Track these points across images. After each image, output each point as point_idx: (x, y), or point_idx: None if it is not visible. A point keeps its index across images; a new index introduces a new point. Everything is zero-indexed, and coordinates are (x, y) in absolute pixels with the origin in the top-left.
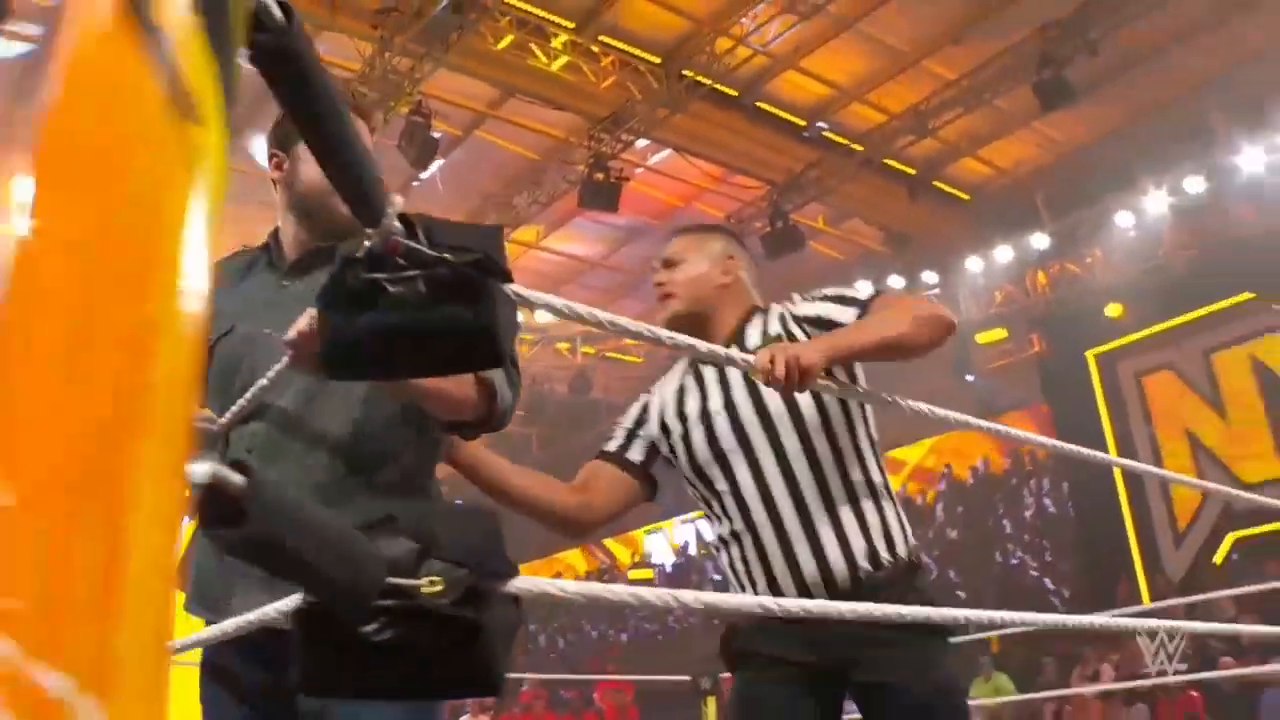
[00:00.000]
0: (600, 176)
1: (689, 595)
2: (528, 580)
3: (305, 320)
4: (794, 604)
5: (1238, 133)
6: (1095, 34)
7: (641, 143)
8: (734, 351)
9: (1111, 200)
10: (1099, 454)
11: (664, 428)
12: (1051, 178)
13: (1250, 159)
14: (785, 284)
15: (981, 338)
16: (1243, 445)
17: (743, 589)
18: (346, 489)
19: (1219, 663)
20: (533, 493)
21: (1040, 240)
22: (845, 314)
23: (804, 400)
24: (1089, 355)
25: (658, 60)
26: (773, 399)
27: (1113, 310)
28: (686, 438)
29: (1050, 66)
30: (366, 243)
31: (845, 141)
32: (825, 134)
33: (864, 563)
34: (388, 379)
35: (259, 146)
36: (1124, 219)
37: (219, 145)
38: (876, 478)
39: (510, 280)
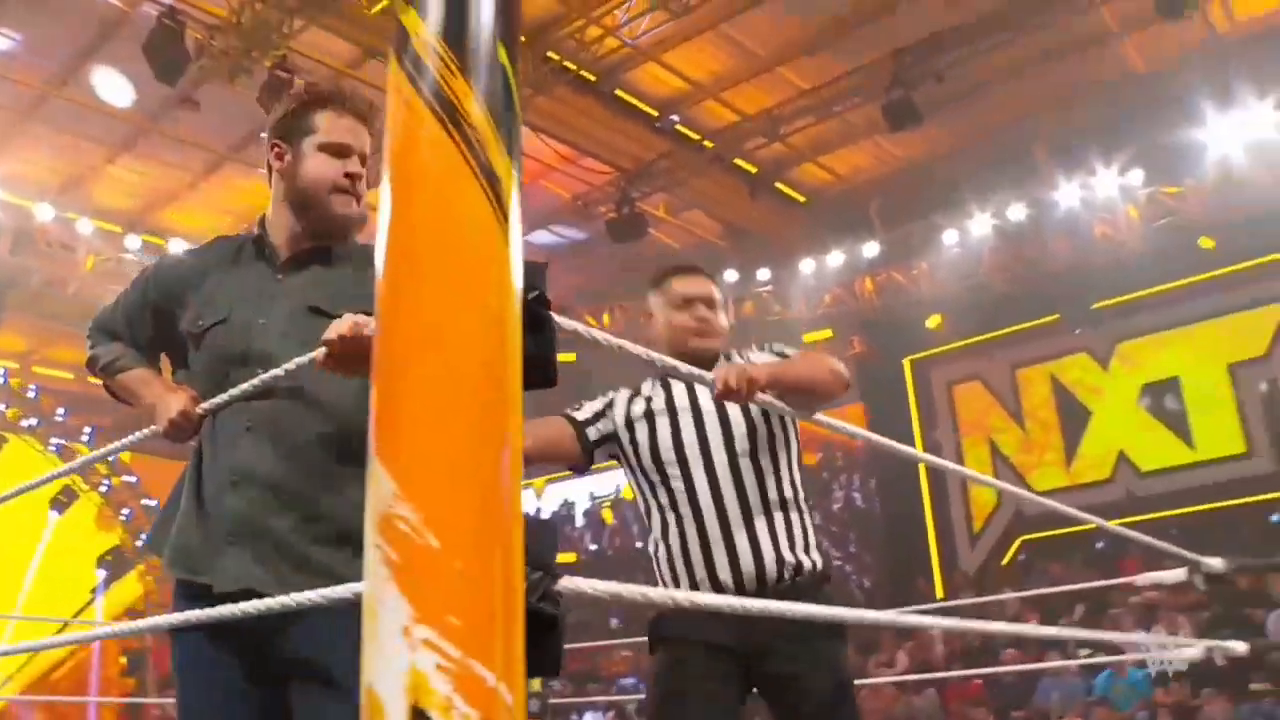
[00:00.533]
0: None
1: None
2: (569, 580)
3: (346, 324)
4: (736, 602)
5: (1057, 168)
6: (944, 62)
7: None
8: (696, 370)
9: (940, 217)
10: (909, 449)
11: (629, 425)
12: (886, 189)
13: (1067, 194)
14: (623, 267)
15: (808, 337)
16: (1036, 455)
17: (675, 573)
18: (336, 476)
19: (1001, 655)
20: None
21: (871, 248)
22: None
23: (755, 416)
24: (905, 361)
25: (523, 39)
26: (733, 411)
27: (932, 321)
28: (653, 435)
29: (900, 88)
30: None
31: (697, 137)
32: (677, 127)
33: (791, 561)
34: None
35: (101, 79)
36: (950, 236)
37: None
38: (801, 492)
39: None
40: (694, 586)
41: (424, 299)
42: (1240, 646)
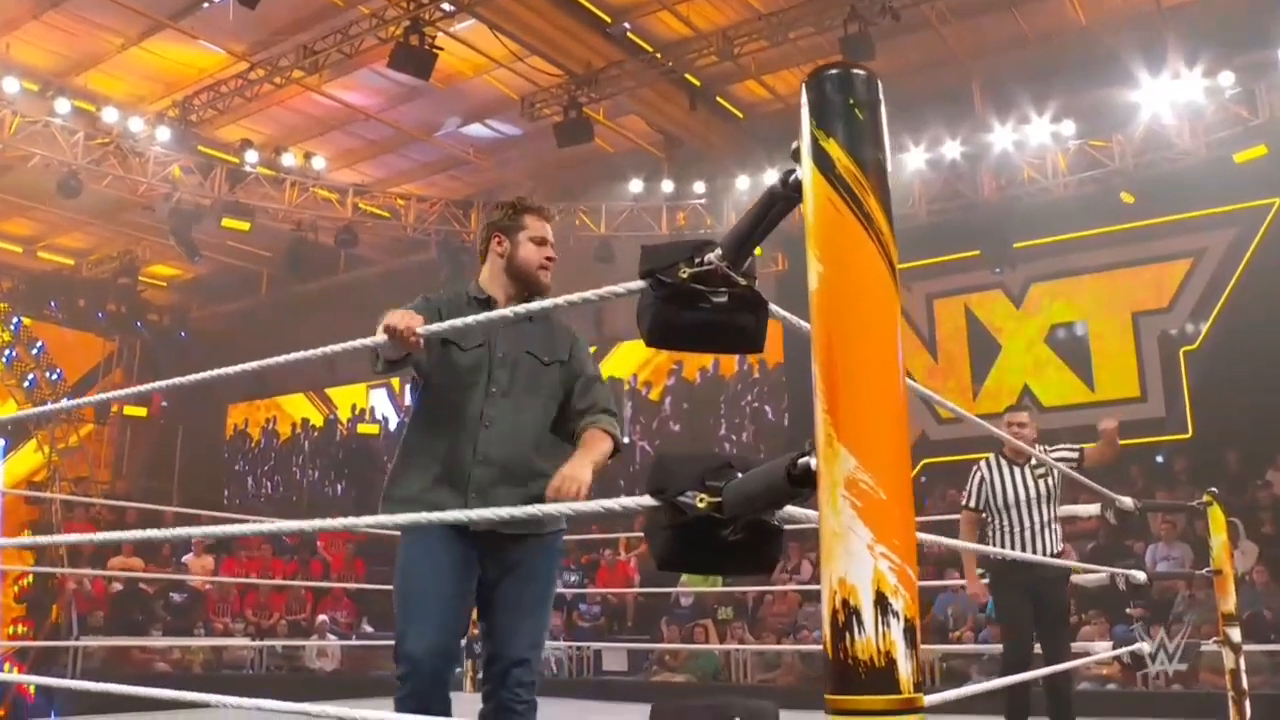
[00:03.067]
0: (415, 41)
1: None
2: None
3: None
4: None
5: (992, 110)
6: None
7: (448, 6)
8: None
9: None
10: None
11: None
12: None
13: (1000, 136)
14: (558, 167)
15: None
16: (944, 382)
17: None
18: (536, 462)
19: None
20: None
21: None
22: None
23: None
24: None
25: None
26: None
27: None
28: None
29: (857, 21)
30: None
31: (649, 48)
32: (629, 35)
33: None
34: (689, 350)
35: None
36: None
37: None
38: None
39: None
40: None
41: (852, 335)
42: (1141, 575)
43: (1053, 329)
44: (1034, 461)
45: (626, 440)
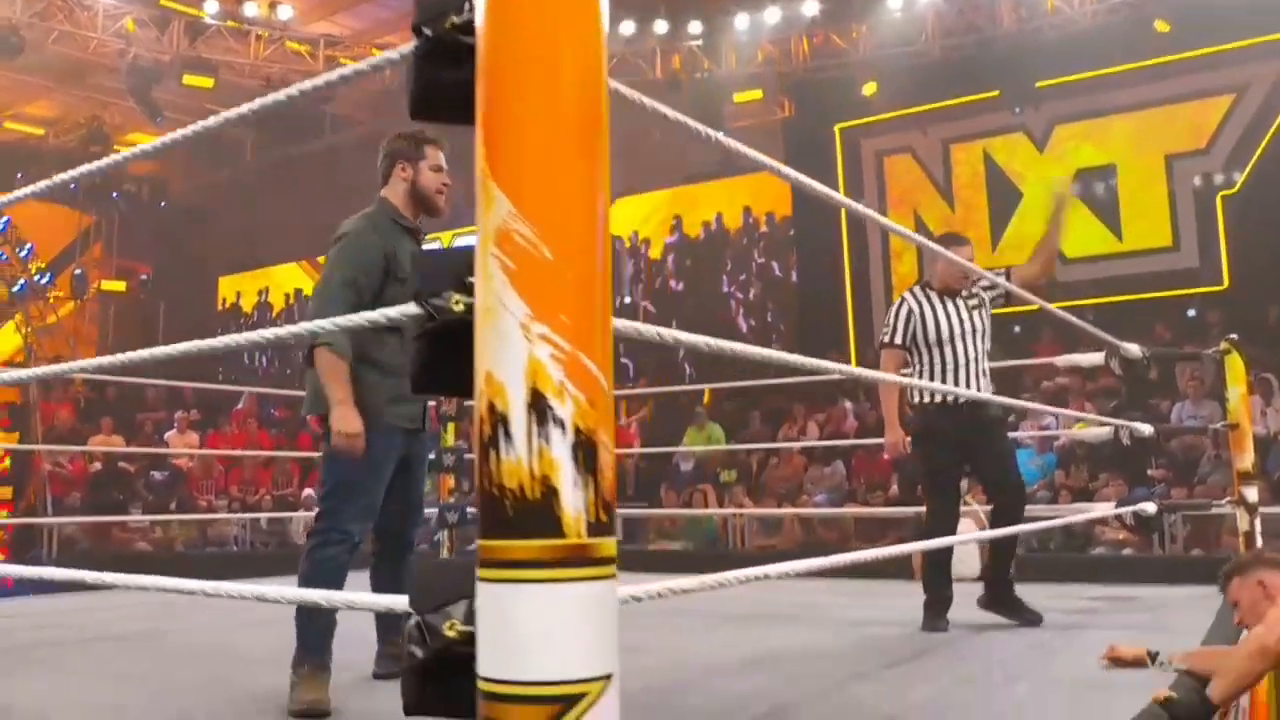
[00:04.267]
0: None
1: None
2: None
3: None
4: None
5: None
6: None
7: None
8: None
9: None
10: (834, 195)
11: None
12: None
13: None
14: None
15: (738, 97)
16: (961, 231)
17: None
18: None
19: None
20: None
21: (810, 7)
22: None
23: None
24: (836, 129)
25: None
26: None
27: (868, 88)
28: None
29: None
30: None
31: None
32: None
33: None
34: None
35: None
36: (894, 0)
37: None
38: None
39: None
40: None
41: (525, 39)
42: (1146, 429)
43: (1079, 174)
44: (964, 293)
45: (628, 300)
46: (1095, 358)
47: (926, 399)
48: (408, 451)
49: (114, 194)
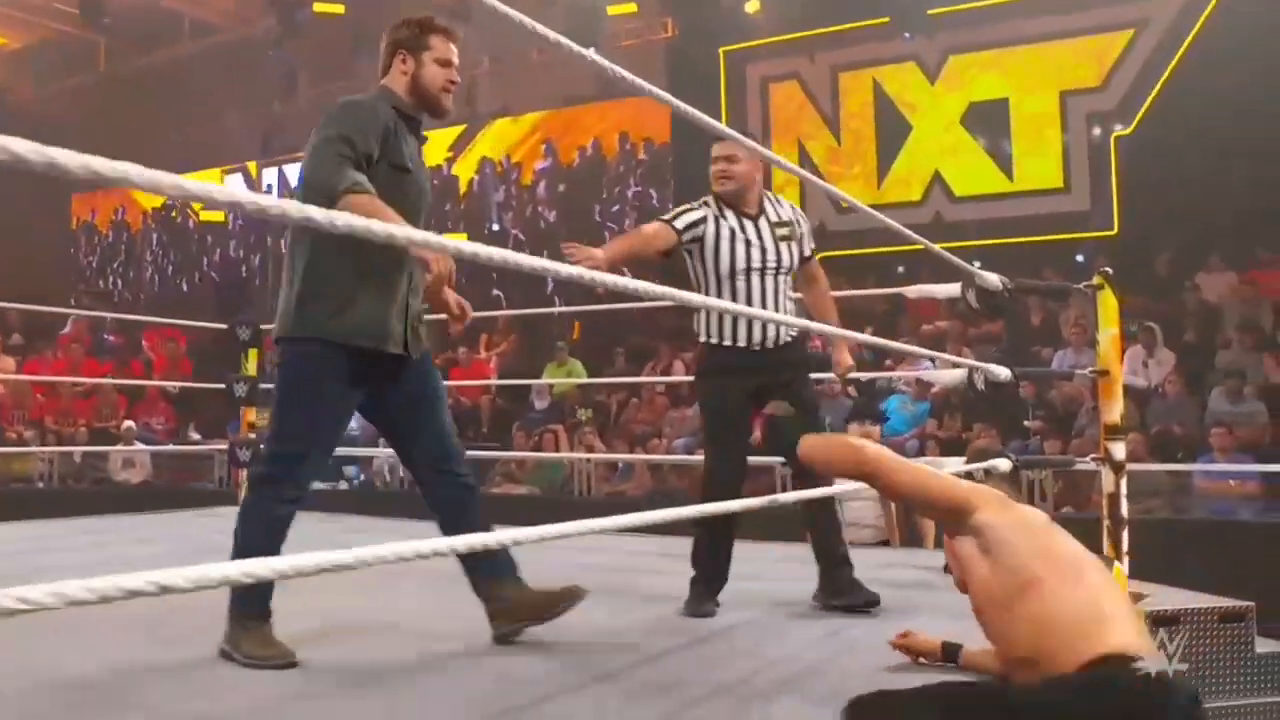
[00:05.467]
0: None
1: None
2: None
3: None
4: None
5: None
6: None
7: None
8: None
9: None
10: (715, 124)
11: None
12: None
13: None
14: None
15: (613, 9)
16: (846, 167)
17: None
18: None
19: None
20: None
21: None
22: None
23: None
24: (720, 51)
25: None
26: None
27: (750, 5)
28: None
29: None
30: None
31: None
32: None
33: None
34: None
35: None
36: None
37: None
38: None
39: None
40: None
41: None
42: (1003, 372)
43: (970, 107)
44: (775, 216)
45: (497, 227)
46: (952, 288)
47: (715, 337)
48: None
49: None
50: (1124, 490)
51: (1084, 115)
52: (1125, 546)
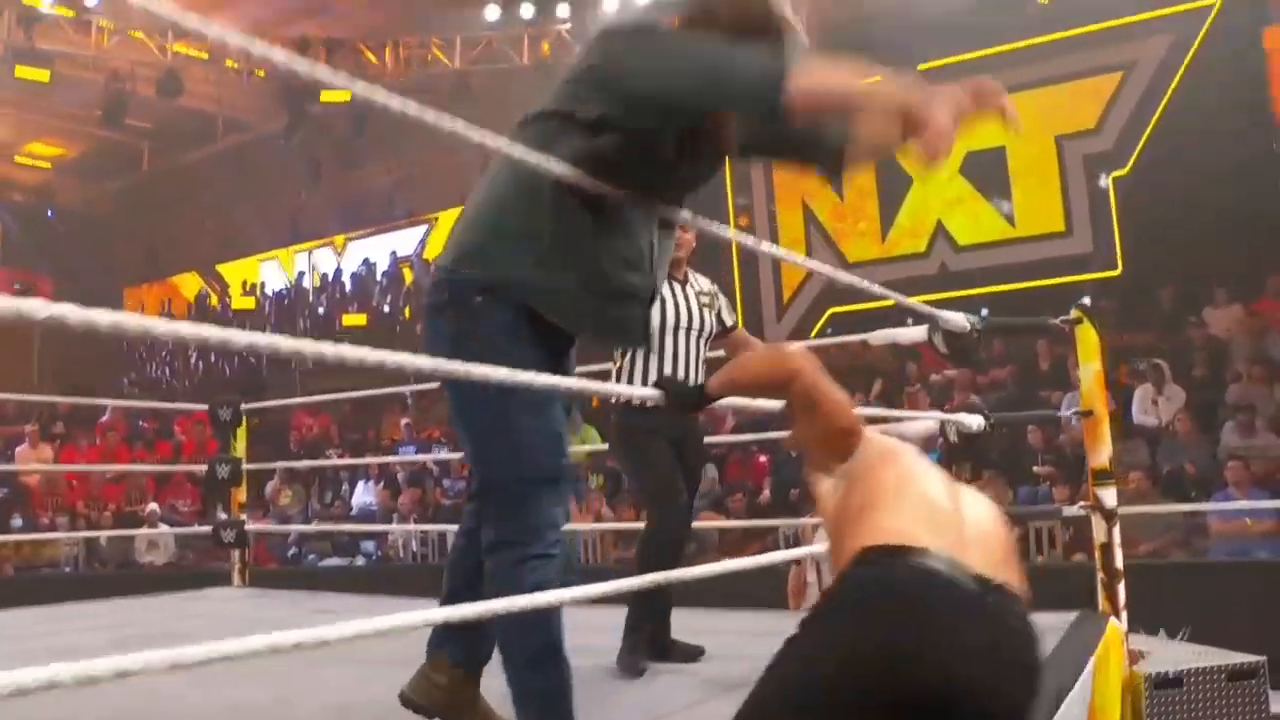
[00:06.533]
0: None
1: None
2: None
3: None
4: None
5: None
6: None
7: None
8: None
9: None
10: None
11: None
12: None
13: None
14: (429, 6)
15: None
16: (851, 223)
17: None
18: None
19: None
20: None
21: None
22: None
23: None
24: None
25: None
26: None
27: None
28: None
29: None
30: None
31: None
32: None
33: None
34: None
35: None
36: None
37: None
38: None
39: None
40: None
41: None
42: (975, 421)
43: (969, 157)
44: (698, 286)
45: None
46: (917, 332)
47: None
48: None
49: None
50: (1117, 539)
51: (1081, 158)
52: (1122, 600)
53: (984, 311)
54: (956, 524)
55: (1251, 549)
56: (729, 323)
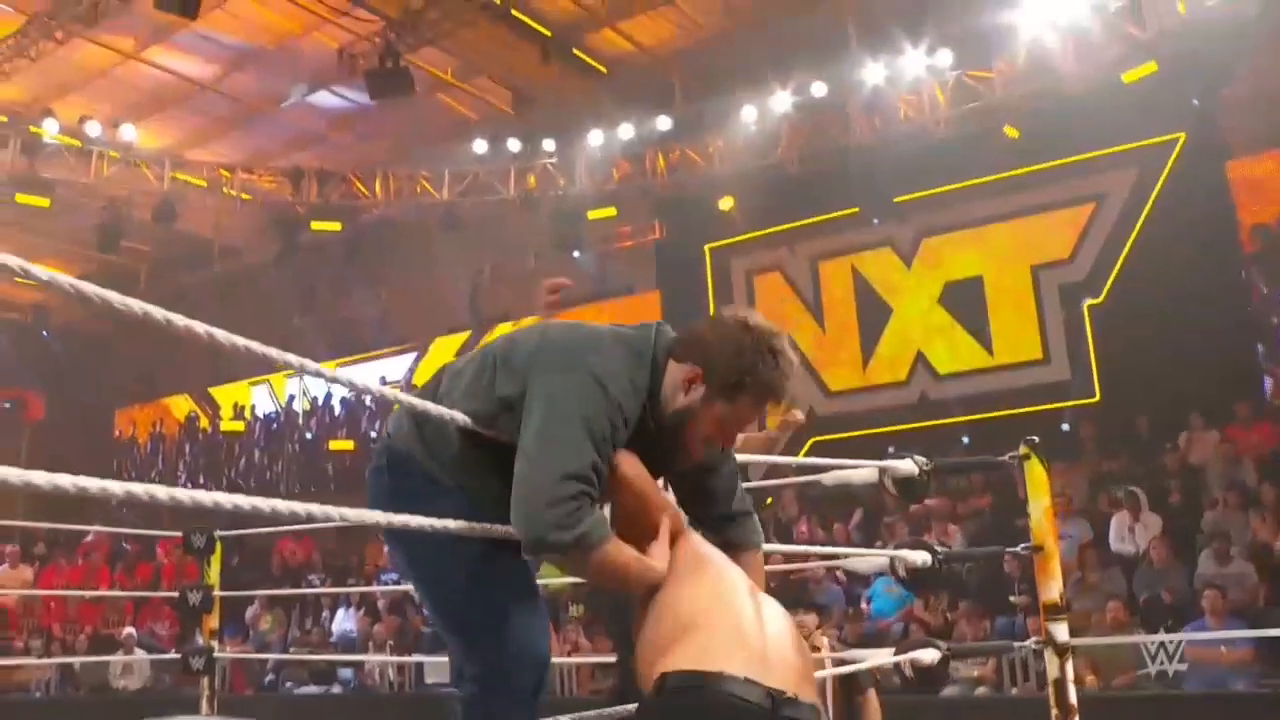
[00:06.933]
0: None
1: None
2: None
3: None
4: None
5: (866, 47)
6: None
7: None
8: None
9: (742, 93)
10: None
11: None
12: (689, 62)
13: (872, 73)
14: (401, 132)
15: (593, 214)
16: (833, 353)
17: None
18: None
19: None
20: None
21: (664, 122)
22: None
23: None
24: (706, 249)
25: None
26: None
27: (724, 203)
28: None
29: None
30: None
31: None
32: None
33: None
34: None
35: None
36: (748, 113)
37: None
38: None
39: None
40: None
41: None
42: (920, 556)
43: (947, 287)
44: None
45: None
46: (868, 474)
47: None
48: None
49: None
50: (1070, 675)
51: (1056, 287)
52: None
53: (964, 440)
54: (757, 640)
55: (1228, 678)
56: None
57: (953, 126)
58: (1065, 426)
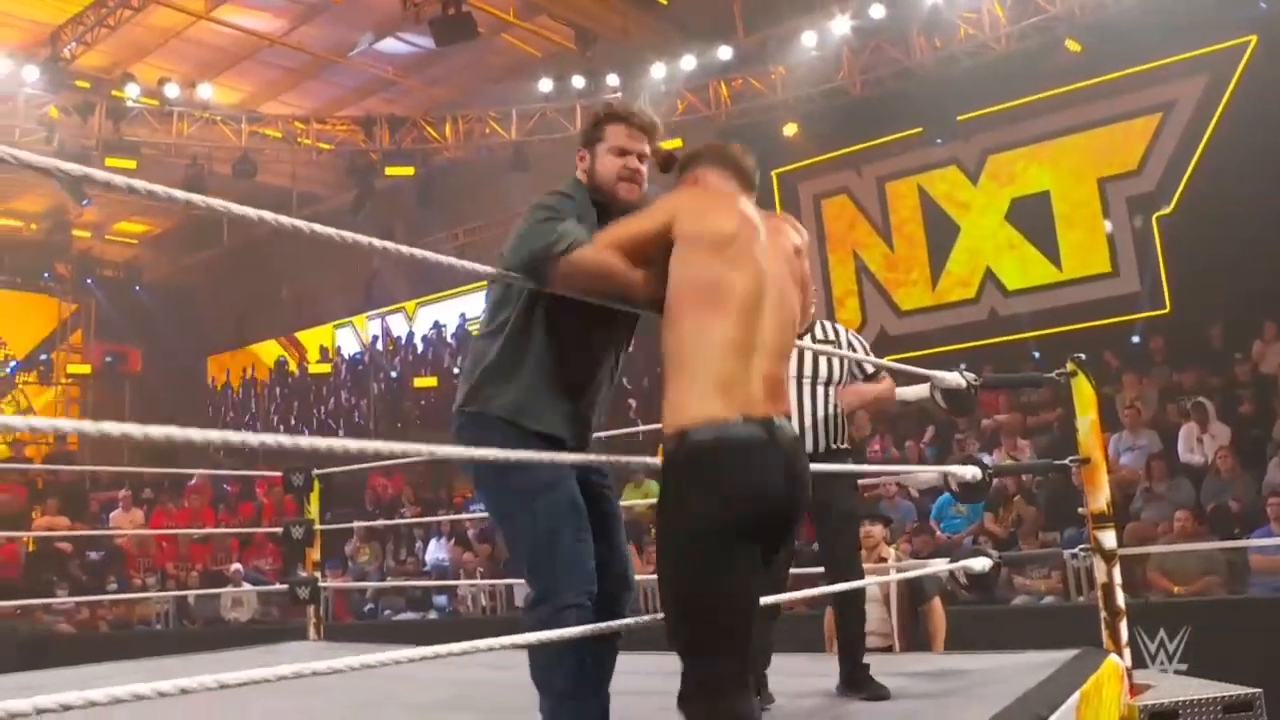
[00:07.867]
0: None
1: None
2: None
3: None
4: None
5: None
6: None
7: None
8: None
9: (800, 19)
10: None
11: None
12: None
13: None
14: (471, 74)
15: (662, 146)
16: (903, 273)
17: None
18: None
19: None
20: None
21: (725, 52)
22: None
23: None
24: (773, 174)
25: None
26: None
27: (789, 129)
28: None
29: None
30: None
31: None
32: None
33: None
34: None
35: None
36: (809, 39)
37: None
38: None
39: None
40: None
41: None
42: (970, 471)
43: (1014, 203)
44: (821, 335)
45: None
46: (920, 390)
47: None
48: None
49: (88, 280)
50: (1118, 579)
51: (1124, 200)
52: (1125, 638)
53: (1035, 355)
54: (750, 370)
55: None
56: (869, 370)
57: (1013, 42)
58: (1135, 339)
